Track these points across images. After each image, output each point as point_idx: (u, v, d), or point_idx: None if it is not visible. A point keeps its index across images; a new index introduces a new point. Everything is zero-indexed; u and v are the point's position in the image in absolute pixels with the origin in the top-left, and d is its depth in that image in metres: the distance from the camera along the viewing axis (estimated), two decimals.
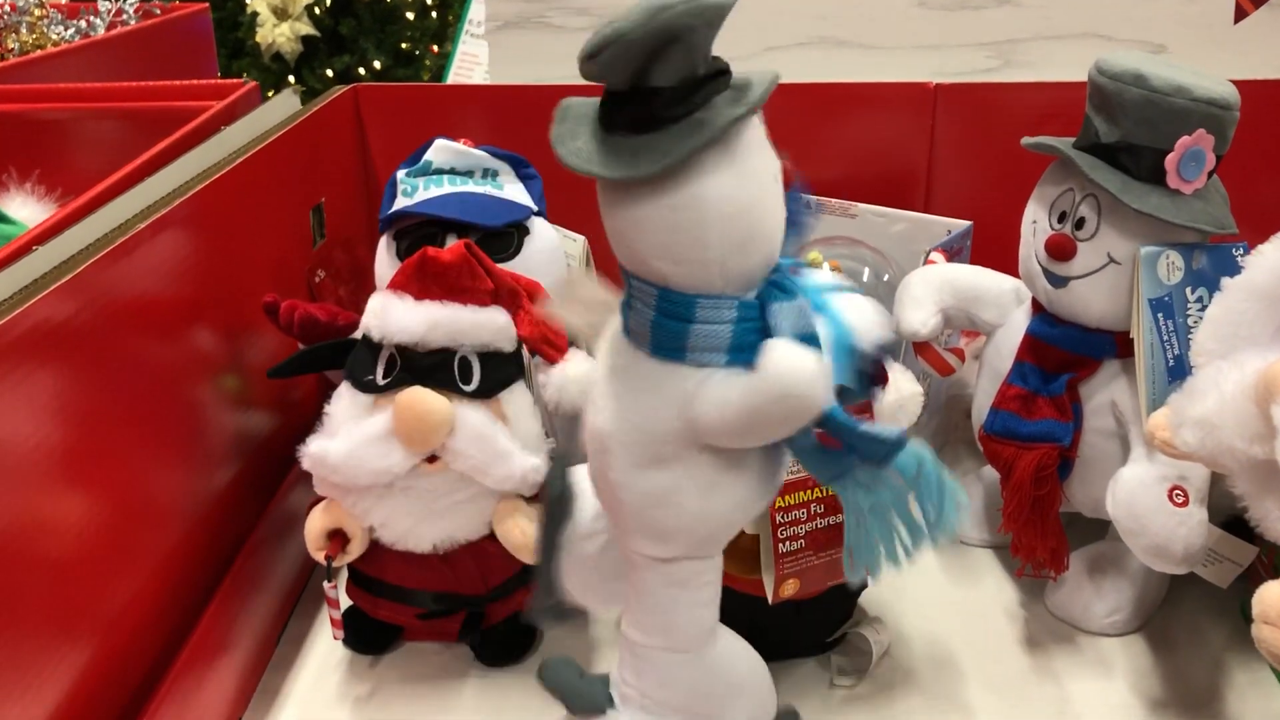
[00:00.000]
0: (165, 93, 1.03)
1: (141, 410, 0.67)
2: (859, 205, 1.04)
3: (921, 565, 0.89)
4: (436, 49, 2.61)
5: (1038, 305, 0.81)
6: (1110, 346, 0.77)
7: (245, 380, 0.82)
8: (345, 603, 0.79)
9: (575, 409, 0.73)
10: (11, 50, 1.39)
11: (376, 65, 2.55)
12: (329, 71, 2.55)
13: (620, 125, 0.50)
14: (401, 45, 2.59)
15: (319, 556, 0.74)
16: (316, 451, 0.70)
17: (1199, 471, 0.70)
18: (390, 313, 0.70)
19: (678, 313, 0.52)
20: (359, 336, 0.73)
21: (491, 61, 1.24)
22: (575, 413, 0.74)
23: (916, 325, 0.84)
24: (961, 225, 0.98)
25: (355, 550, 0.74)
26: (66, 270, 0.59)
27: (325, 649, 0.81)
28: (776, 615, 0.71)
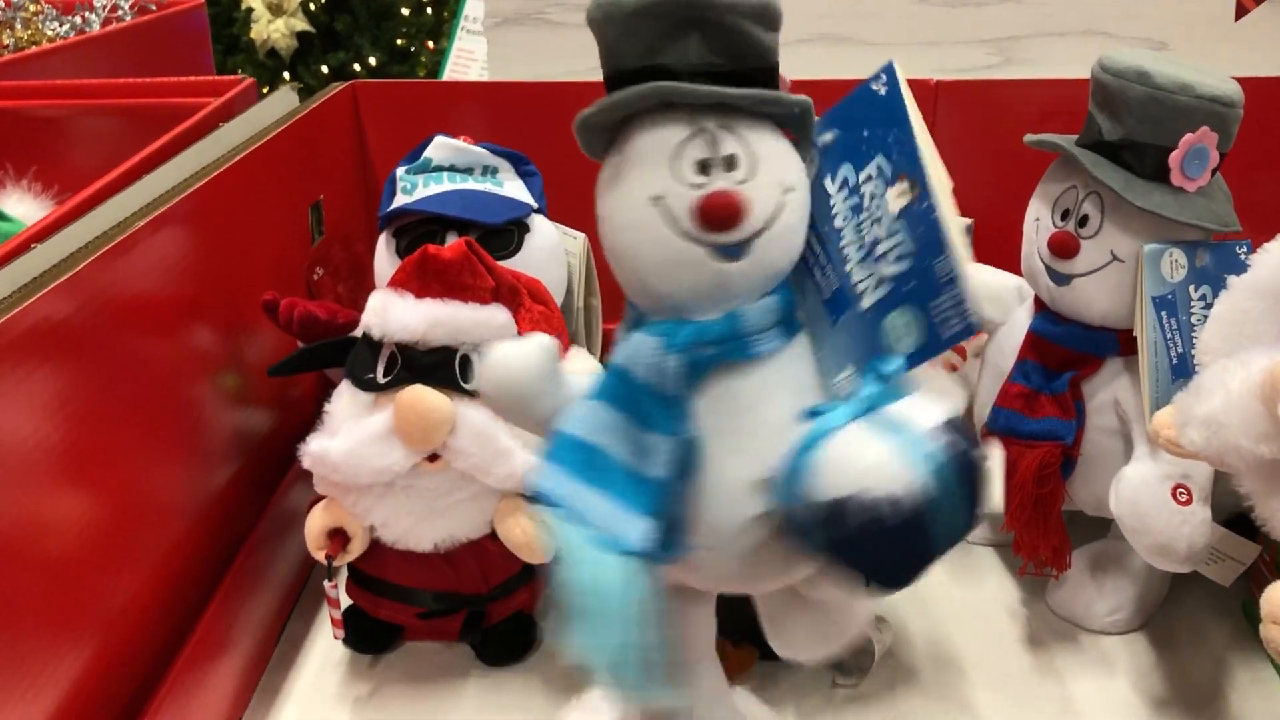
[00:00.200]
0: (162, 89, 1.02)
1: (141, 408, 0.67)
2: None
3: None
4: (432, 45, 2.61)
5: (1040, 303, 0.81)
6: (1113, 344, 0.77)
7: (245, 378, 0.82)
8: (346, 602, 0.79)
9: None
10: (6, 46, 1.38)
11: (372, 62, 2.54)
12: (324, 68, 2.54)
13: None
14: (397, 42, 2.59)
15: (319, 555, 0.73)
16: (317, 450, 0.70)
17: (1202, 470, 0.70)
18: (391, 311, 0.69)
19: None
20: (359, 335, 0.73)
21: (490, 58, 1.24)
22: None
23: None
24: (962, 223, 0.97)
25: (356, 549, 0.74)
26: (66, 268, 0.59)
27: (325, 648, 0.81)
28: None
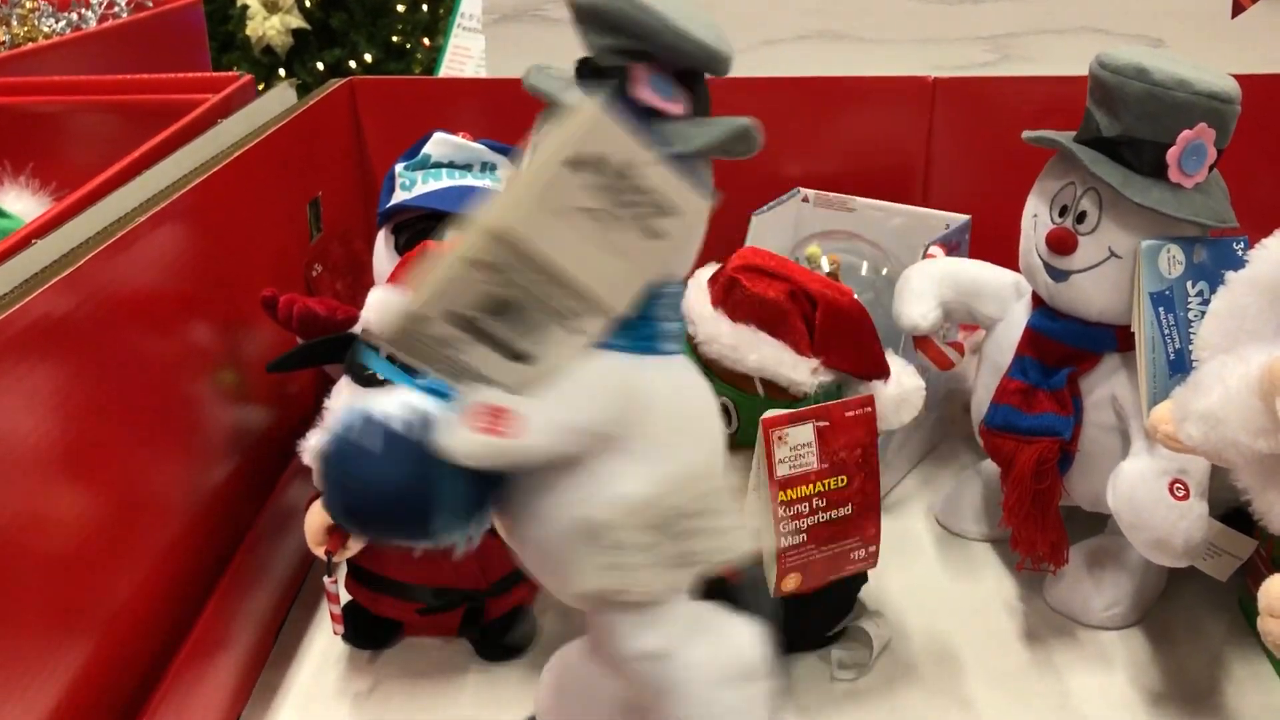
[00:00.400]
0: (160, 85, 1.02)
1: (140, 405, 0.67)
2: (857, 199, 1.04)
3: (922, 560, 0.90)
4: (428, 42, 2.60)
5: (1038, 299, 0.81)
6: (1111, 340, 0.77)
7: (244, 375, 0.82)
8: (345, 598, 0.79)
9: None
10: (3, 43, 1.38)
11: (368, 59, 2.54)
12: (320, 65, 2.54)
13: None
14: (393, 39, 2.58)
15: (319, 551, 0.73)
16: (317, 446, 0.69)
17: (1199, 465, 0.71)
18: (390, 307, 0.69)
19: None
20: (358, 331, 0.73)
21: (488, 54, 1.24)
22: None
23: (916, 319, 0.84)
24: (960, 219, 0.98)
25: (355, 545, 0.73)
26: (65, 264, 0.59)
27: (325, 644, 0.81)
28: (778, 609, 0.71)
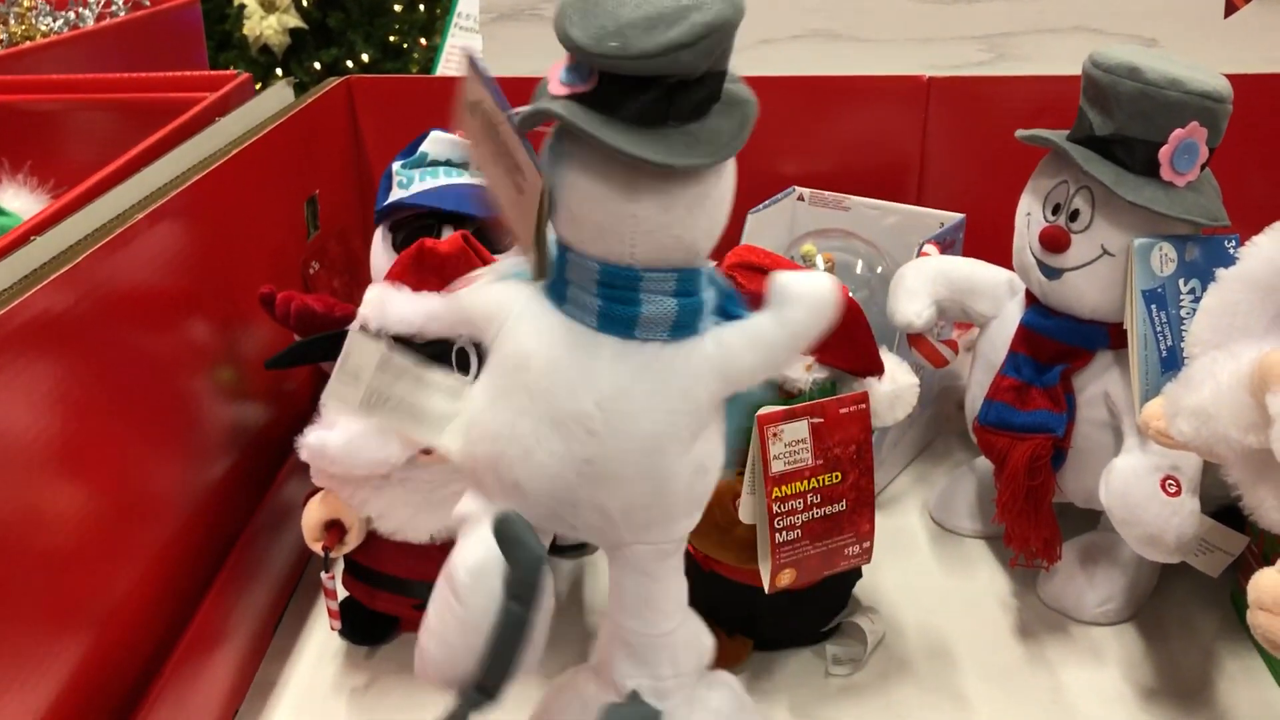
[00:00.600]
0: (157, 84, 1.02)
1: (138, 401, 0.67)
2: (852, 198, 1.04)
3: (916, 556, 0.90)
4: (425, 42, 2.61)
5: (1031, 297, 0.81)
6: (1104, 338, 0.78)
7: (241, 371, 0.82)
8: (342, 594, 0.79)
9: None
10: (0, 41, 1.38)
11: (365, 58, 2.54)
12: (316, 64, 2.54)
13: (678, 114, 0.50)
14: (390, 38, 2.58)
15: (316, 547, 0.74)
16: (315, 442, 0.70)
17: (1191, 461, 0.71)
18: (388, 304, 0.70)
19: (695, 289, 0.55)
20: (356, 328, 0.73)
21: (485, 53, 1.24)
22: None
23: (911, 317, 0.85)
24: (954, 218, 0.98)
25: (352, 541, 0.74)
26: (64, 261, 0.59)
27: (322, 640, 0.81)
28: (773, 605, 0.72)
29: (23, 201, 0.89)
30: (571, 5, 0.49)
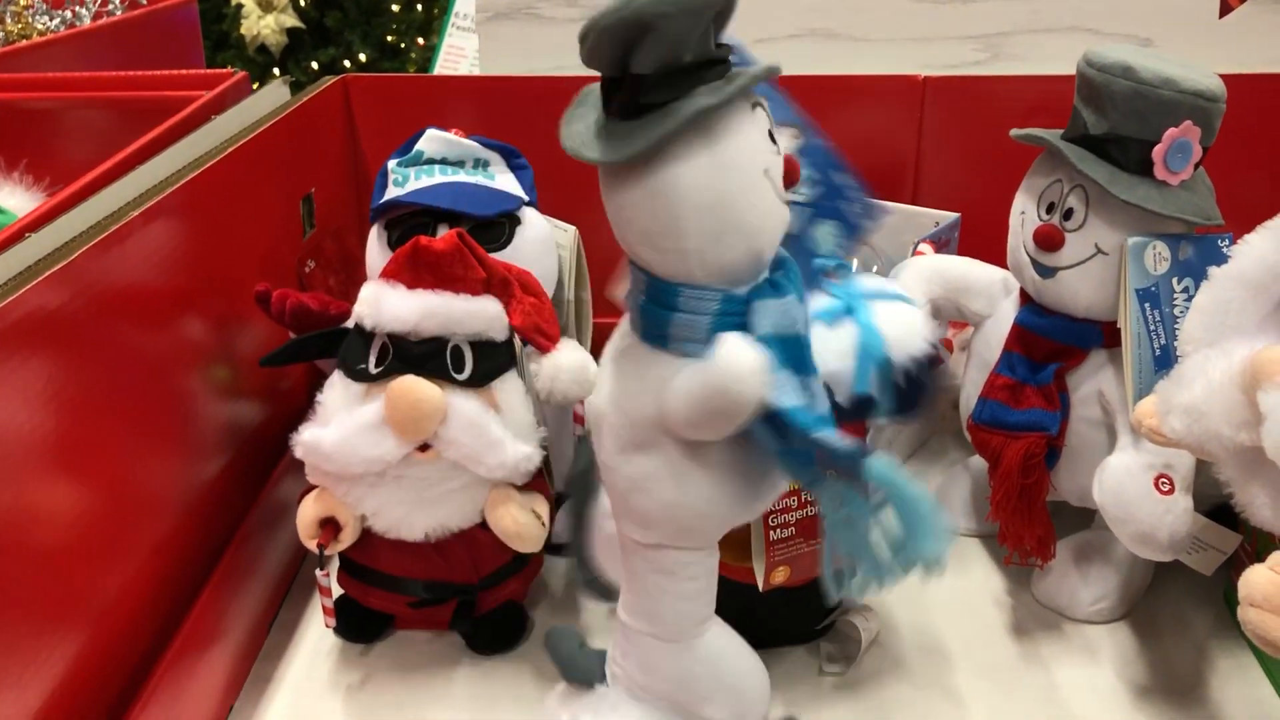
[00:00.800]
0: (154, 82, 1.02)
1: (133, 398, 0.67)
2: None
3: None
4: (422, 42, 2.61)
5: (1025, 296, 0.82)
6: (1097, 336, 0.78)
7: (236, 369, 0.82)
8: (337, 591, 0.79)
9: (566, 398, 0.74)
10: None
11: (362, 58, 2.54)
12: (314, 64, 2.54)
13: (611, 111, 0.50)
14: (387, 38, 2.58)
15: (311, 545, 0.74)
16: (310, 440, 0.70)
17: (1184, 459, 0.71)
18: (383, 301, 0.70)
19: (663, 300, 0.53)
20: (351, 325, 0.73)
21: (481, 52, 1.24)
22: (566, 402, 0.75)
23: None
24: (950, 217, 0.98)
25: (347, 538, 0.74)
26: (59, 258, 0.59)
27: (317, 637, 0.81)
28: (767, 602, 0.72)
29: (18, 199, 0.89)
30: None
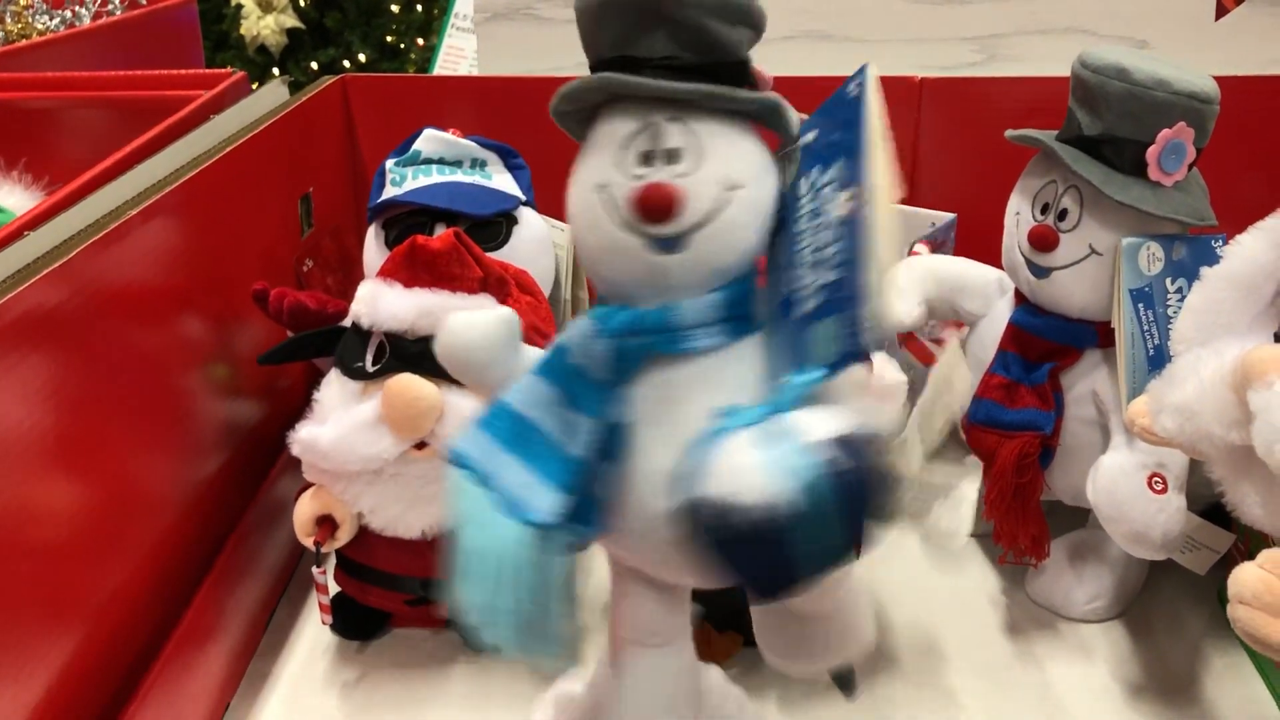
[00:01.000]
0: (153, 82, 1.02)
1: (131, 397, 0.68)
2: None
3: (905, 553, 0.90)
4: (422, 42, 2.61)
5: (1020, 296, 0.82)
6: (1092, 336, 0.78)
7: (234, 368, 0.83)
8: (334, 589, 0.80)
9: None
10: None
11: (362, 59, 2.54)
12: (314, 64, 2.54)
13: None
14: (387, 39, 2.59)
15: (308, 542, 0.74)
16: (307, 438, 0.70)
17: (1178, 459, 0.71)
18: (380, 300, 0.70)
19: None
20: (348, 324, 0.73)
21: (479, 53, 1.24)
22: None
23: (901, 315, 0.85)
24: (946, 218, 0.99)
25: (344, 536, 0.74)
26: (57, 256, 0.60)
27: (314, 634, 0.82)
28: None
29: (17, 198, 0.89)
30: None
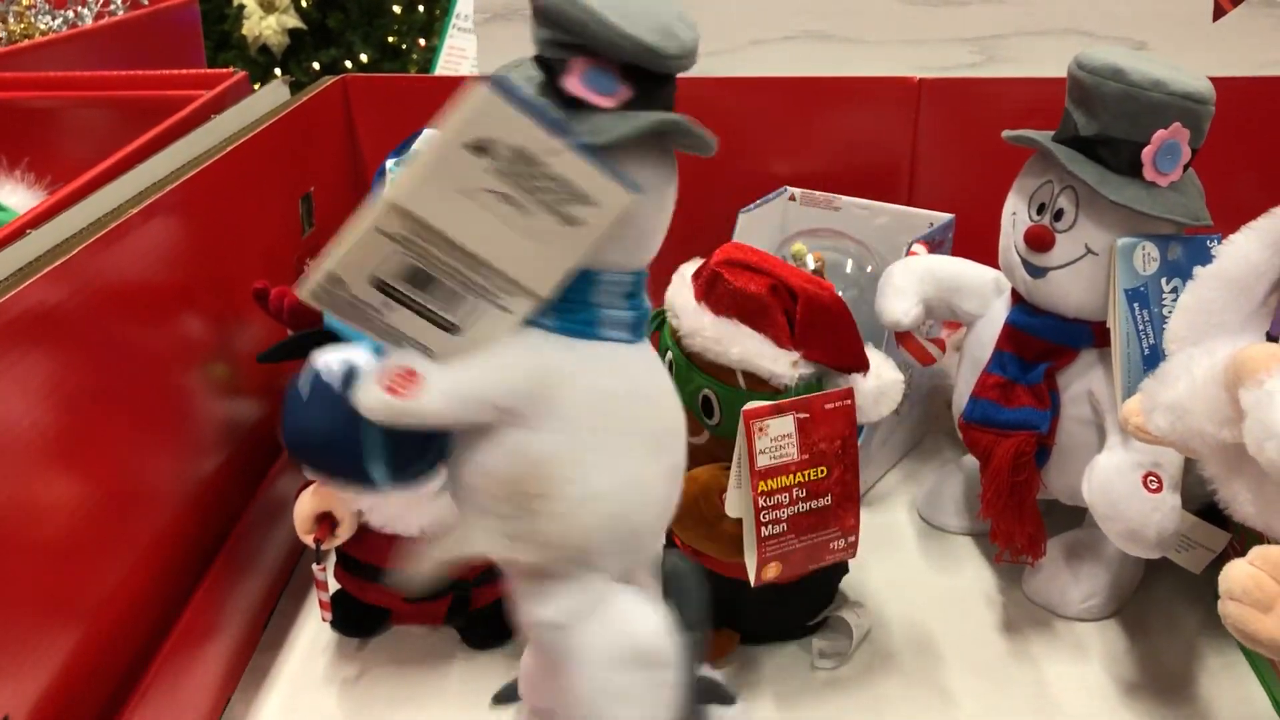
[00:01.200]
0: (154, 82, 1.03)
1: (132, 395, 0.68)
2: (843, 198, 1.05)
3: (903, 552, 0.91)
4: (424, 43, 2.62)
5: (1017, 295, 0.82)
6: (1088, 336, 0.79)
7: (234, 366, 0.83)
8: (334, 586, 0.80)
9: None
10: (0, 39, 1.39)
11: (363, 59, 2.55)
12: (315, 65, 2.55)
13: (633, 101, 0.51)
14: (389, 39, 2.59)
15: (308, 539, 0.74)
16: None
17: (1173, 458, 0.72)
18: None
19: (628, 291, 0.55)
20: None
21: (479, 53, 1.25)
22: None
23: (898, 315, 0.85)
24: (944, 218, 0.99)
25: (344, 534, 0.75)
26: (59, 255, 0.60)
27: (313, 632, 0.82)
28: (758, 598, 0.73)
29: (19, 197, 0.90)
30: (608, 10, 0.47)
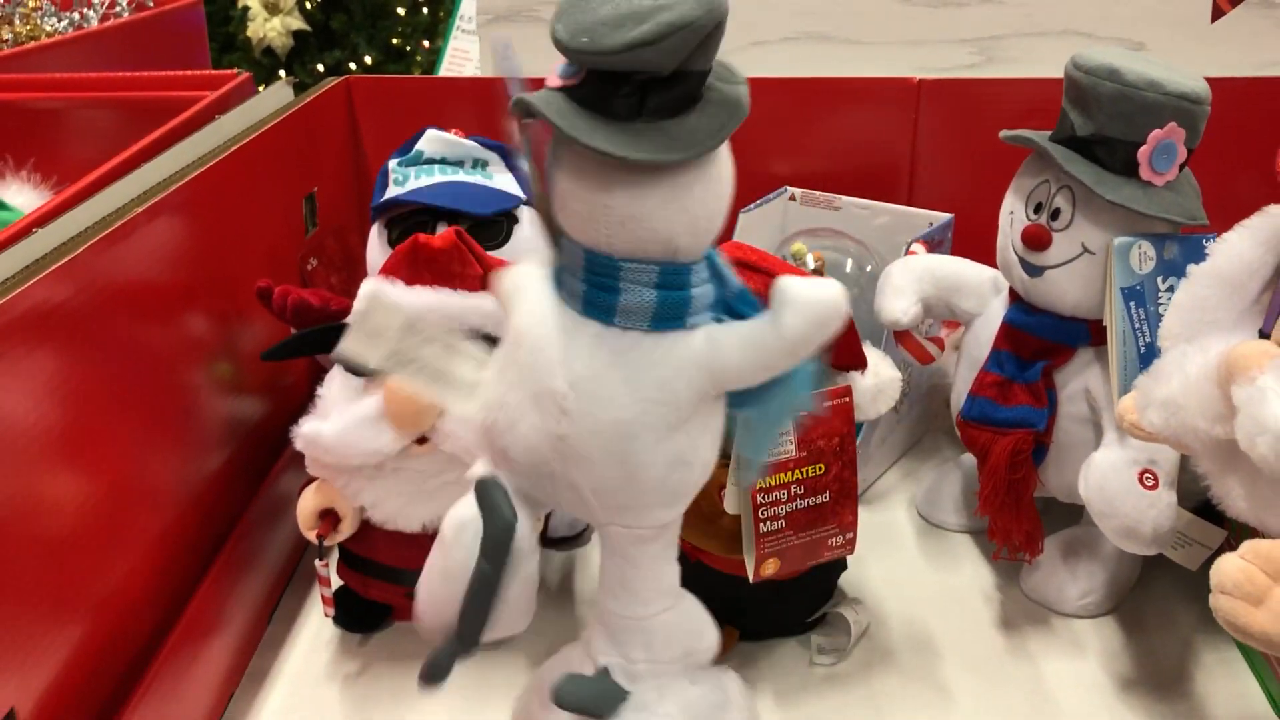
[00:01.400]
0: (159, 83, 1.04)
1: (136, 392, 0.69)
2: (843, 198, 1.05)
3: (901, 550, 0.91)
4: (428, 45, 2.62)
5: (1014, 294, 0.83)
6: (1084, 334, 0.79)
7: (238, 364, 0.84)
8: (336, 582, 0.81)
9: None
10: (5, 41, 1.40)
11: (368, 61, 2.55)
12: (320, 66, 2.55)
13: (652, 111, 0.51)
14: (393, 41, 2.60)
15: (310, 535, 0.75)
16: (309, 432, 0.71)
17: (1169, 455, 0.72)
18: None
19: (680, 283, 0.55)
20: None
21: (482, 54, 1.26)
22: None
23: (898, 314, 0.86)
24: (943, 218, 0.99)
25: (346, 530, 0.75)
26: (64, 253, 0.61)
27: (316, 628, 0.82)
28: (757, 595, 0.73)
29: (25, 197, 0.90)
30: (565, 3, 0.50)
